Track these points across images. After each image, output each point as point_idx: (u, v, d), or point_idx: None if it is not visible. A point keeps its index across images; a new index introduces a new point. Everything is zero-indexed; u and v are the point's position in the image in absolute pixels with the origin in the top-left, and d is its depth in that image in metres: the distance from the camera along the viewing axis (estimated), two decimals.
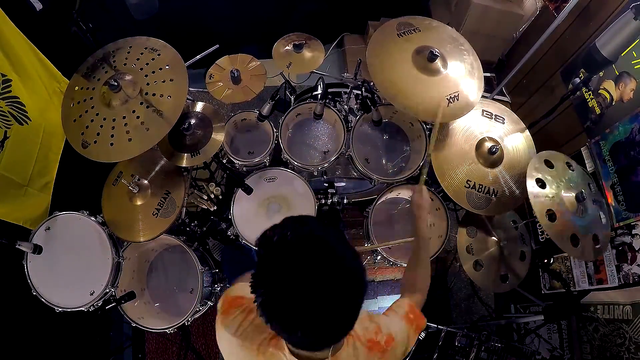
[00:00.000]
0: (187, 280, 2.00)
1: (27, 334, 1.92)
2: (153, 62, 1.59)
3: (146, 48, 1.63)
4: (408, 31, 1.75)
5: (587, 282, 2.20)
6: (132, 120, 1.50)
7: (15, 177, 1.74)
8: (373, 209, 2.00)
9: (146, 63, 1.59)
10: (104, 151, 1.49)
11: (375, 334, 0.97)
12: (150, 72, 1.57)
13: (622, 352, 1.96)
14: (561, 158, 1.78)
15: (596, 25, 2.22)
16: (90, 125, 1.51)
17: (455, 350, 2.11)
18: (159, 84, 1.55)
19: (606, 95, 2.15)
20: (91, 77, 1.59)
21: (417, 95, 1.63)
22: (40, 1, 1.84)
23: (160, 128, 1.50)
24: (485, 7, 2.75)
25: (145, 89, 1.54)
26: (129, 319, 1.81)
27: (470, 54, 1.76)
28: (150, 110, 1.51)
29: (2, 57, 1.64)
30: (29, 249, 1.65)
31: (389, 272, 2.84)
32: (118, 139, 1.49)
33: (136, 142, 1.49)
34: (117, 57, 1.61)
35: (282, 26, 2.39)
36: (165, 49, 1.64)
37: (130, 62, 1.60)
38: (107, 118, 1.51)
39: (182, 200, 1.77)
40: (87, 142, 1.49)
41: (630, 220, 1.96)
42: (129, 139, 1.49)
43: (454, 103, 1.63)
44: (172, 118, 1.51)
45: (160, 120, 1.51)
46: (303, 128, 2.14)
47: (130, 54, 1.62)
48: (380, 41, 1.71)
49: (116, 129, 1.50)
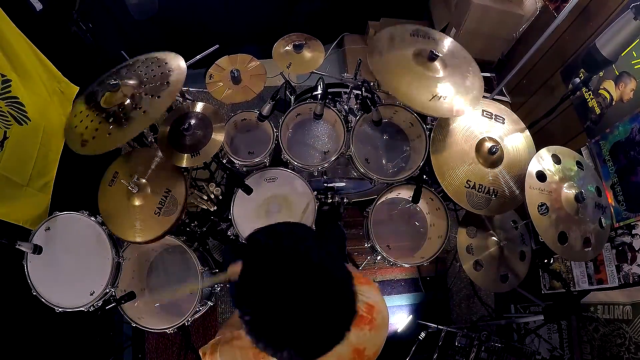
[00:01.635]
0: (187, 280, 2.00)
1: (27, 334, 1.92)
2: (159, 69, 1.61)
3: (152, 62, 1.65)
4: (423, 35, 1.79)
5: (587, 282, 2.20)
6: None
7: (15, 177, 1.73)
8: (373, 209, 2.00)
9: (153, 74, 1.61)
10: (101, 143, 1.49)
11: None
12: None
13: (622, 352, 1.96)
14: (572, 156, 1.77)
15: (596, 25, 2.22)
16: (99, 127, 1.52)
17: (455, 350, 2.11)
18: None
19: (606, 95, 2.15)
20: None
21: (406, 82, 1.65)
22: (40, 1, 1.84)
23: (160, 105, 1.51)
24: (485, 7, 2.75)
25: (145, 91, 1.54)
26: (129, 319, 1.81)
27: (474, 77, 1.77)
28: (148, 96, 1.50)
29: (2, 57, 1.64)
30: (29, 249, 1.65)
31: (389, 272, 2.84)
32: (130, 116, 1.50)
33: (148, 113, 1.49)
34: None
35: (282, 26, 2.39)
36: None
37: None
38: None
39: (184, 196, 1.76)
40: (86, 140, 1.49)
41: (630, 220, 1.96)
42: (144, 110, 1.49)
43: (437, 100, 1.64)
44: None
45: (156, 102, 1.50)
46: (303, 128, 2.14)
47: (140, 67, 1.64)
48: (391, 33, 1.76)
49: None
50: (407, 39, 1.75)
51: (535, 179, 1.62)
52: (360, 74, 2.08)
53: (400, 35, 1.76)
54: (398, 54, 1.70)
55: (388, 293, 2.80)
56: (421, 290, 2.84)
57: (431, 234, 2.14)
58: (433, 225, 2.15)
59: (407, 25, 1.80)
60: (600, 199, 1.76)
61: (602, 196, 1.78)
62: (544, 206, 1.60)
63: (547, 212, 1.60)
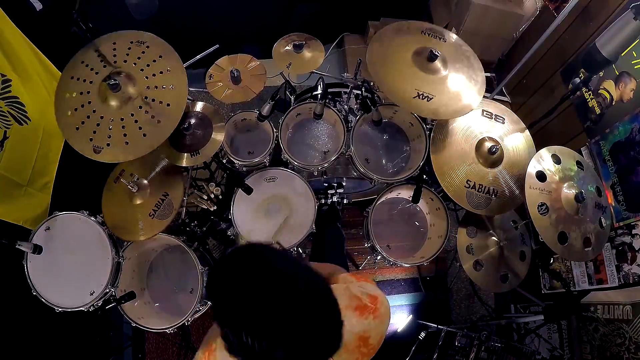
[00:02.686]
0: (187, 280, 2.00)
1: (27, 334, 1.92)
2: (144, 55, 1.55)
3: (132, 42, 1.57)
4: (434, 35, 1.78)
5: (587, 282, 2.20)
6: (140, 116, 1.48)
7: (15, 177, 1.74)
8: (373, 209, 2.00)
9: (137, 57, 1.55)
10: (119, 150, 1.46)
11: (357, 299, 0.97)
12: (144, 65, 1.54)
13: (622, 352, 1.96)
14: (572, 155, 1.76)
15: (596, 25, 2.22)
16: (98, 130, 1.48)
17: (455, 350, 2.11)
18: (157, 76, 1.53)
19: (606, 95, 2.15)
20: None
21: (396, 77, 1.65)
22: (40, 1, 1.84)
23: (169, 121, 1.49)
24: (485, 7, 2.75)
25: (145, 83, 1.52)
26: (129, 319, 1.80)
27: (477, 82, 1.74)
28: (157, 103, 1.49)
29: (2, 57, 1.64)
30: (29, 249, 1.65)
31: (389, 272, 2.84)
32: (131, 136, 1.47)
33: (149, 136, 1.47)
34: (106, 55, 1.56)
35: (282, 26, 2.39)
36: (153, 40, 1.59)
37: (120, 58, 1.54)
38: (114, 119, 1.48)
39: (180, 202, 1.77)
40: (99, 147, 1.46)
41: (630, 220, 1.96)
42: (143, 134, 1.47)
43: (421, 100, 1.62)
44: (179, 108, 1.51)
45: (167, 113, 1.49)
46: (303, 128, 2.14)
47: (118, 50, 1.56)
48: (395, 29, 1.76)
49: (127, 127, 1.47)
50: (415, 34, 1.75)
51: (535, 179, 1.62)
52: (360, 74, 2.08)
53: (410, 29, 1.76)
54: (398, 48, 1.70)
55: (388, 293, 2.80)
56: (421, 290, 2.84)
57: (431, 234, 2.14)
58: (433, 225, 2.15)
59: (421, 23, 1.80)
60: (600, 199, 1.76)
61: (602, 196, 1.78)
62: (544, 206, 1.60)
63: (547, 212, 1.60)
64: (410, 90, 1.61)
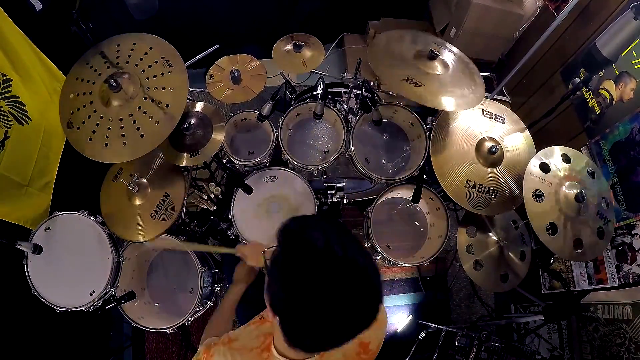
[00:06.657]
0: (187, 280, 2.00)
1: (27, 334, 1.92)
2: (146, 56, 1.56)
3: (135, 44, 1.59)
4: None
5: (587, 282, 2.20)
6: (140, 117, 1.48)
7: (16, 177, 1.73)
8: (373, 209, 2.00)
9: (140, 58, 1.56)
10: (119, 150, 1.47)
11: None
12: (146, 66, 1.54)
13: (622, 352, 1.97)
14: (584, 161, 1.76)
15: (596, 25, 2.22)
16: (97, 130, 1.49)
17: (455, 350, 2.11)
18: (158, 78, 1.53)
19: (606, 95, 2.15)
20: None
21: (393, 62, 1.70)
22: (40, 1, 1.84)
23: (167, 122, 1.49)
24: (485, 7, 2.75)
25: (146, 84, 1.52)
26: (129, 319, 1.80)
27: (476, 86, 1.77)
28: (155, 104, 1.49)
29: (2, 56, 1.64)
30: (29, 249, 1.65)
31: (389, 272, 2.84)
32: (129, 137, 1.47)
33: (147, 138, 1.47)
34: (109, 56, 1.58)
35: (282, 26, 2.39)
36: (154, 40, 1.60)
37: (123, 59, 1.56)
38: (113, 119, 1.49)
39: (182, 201, 1.77)
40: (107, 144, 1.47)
41: (630, 220, 1.96)
42: (141, 134, 1.47)
43: (409, 84, 1.64)
44: (178, 110, 1.51)
45: (166, 114, 1.49)
46: (303, 128, 2.14)
47: (121, 52, 1.58)
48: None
49: (125, 128, 1.47)
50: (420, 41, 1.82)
51: (537, 167, 1.64)
52: (360, 74, 2.08)
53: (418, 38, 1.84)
54: (401, 45, 1.75)
55: (388, 293, 2.80)
56: (421, 290, 2.84)
57: (431, 234, 2.14)
58: (433, 225, 2.15)
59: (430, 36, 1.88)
60: (606, 210, 1.74)
61: (608, 207, 1.76)
62: (541, 196, 1.61)
63: (542, 199, 1.61)
64: (401, 75, 1.64)
